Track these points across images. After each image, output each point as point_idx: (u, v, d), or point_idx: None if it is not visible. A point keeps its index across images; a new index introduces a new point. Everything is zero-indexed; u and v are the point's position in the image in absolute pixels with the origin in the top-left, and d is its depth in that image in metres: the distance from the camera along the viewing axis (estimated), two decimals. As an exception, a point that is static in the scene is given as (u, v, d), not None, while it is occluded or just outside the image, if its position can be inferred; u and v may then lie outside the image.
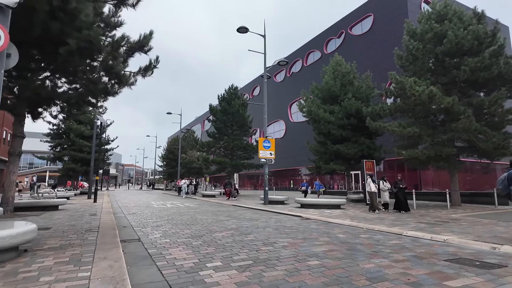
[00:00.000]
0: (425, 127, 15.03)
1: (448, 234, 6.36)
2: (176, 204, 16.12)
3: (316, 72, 28.04)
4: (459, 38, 13.58)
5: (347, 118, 18.79)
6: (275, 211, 11.94)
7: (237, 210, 12.47)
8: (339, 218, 9.46)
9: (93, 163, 19.96)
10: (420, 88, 13.18)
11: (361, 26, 32.61)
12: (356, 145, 18.65)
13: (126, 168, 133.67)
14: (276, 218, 9.56)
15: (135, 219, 9.25)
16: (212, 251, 4.79)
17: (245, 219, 9.28)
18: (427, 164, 15.59)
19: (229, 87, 27.81)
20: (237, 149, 26.18)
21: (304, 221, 9.02)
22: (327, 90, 20.10)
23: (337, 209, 13.08)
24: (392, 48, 27.69)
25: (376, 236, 6.39)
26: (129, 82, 8.07)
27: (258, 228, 7.18)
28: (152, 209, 13.03)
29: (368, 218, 9.54)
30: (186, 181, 25.99)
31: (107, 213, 10.50)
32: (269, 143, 16.21)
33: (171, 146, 44.95)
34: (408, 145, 16.39)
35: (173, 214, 10.54)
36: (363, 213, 11.11)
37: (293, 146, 38.62)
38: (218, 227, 7.42)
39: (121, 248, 4.90)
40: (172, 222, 8.50)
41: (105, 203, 15.88)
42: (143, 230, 7.13)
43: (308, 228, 7.46)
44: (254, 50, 16.60)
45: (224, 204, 16.31)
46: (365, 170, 16.18)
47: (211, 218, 9.29)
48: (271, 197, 16.08)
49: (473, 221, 9.05)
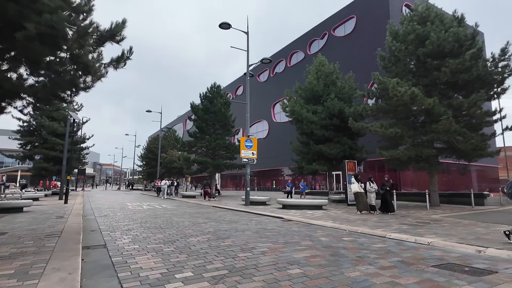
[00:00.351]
0: (406, 128, 15.10)
1: (432, 237, 6.19)
2: (153, 205, 15.44)
3: (299, 72, 27.95)
4: (441, 40, 13.72)
5: (330, 118, 18.70)
6: (256, 212, 11.56)
7: (217, 212, 12.00)
8: (321, 219, 9.20)
9: (66, 162, 18.86)
10: (403, 89, 13.18)
11: (344, 27, 32.84)
12: (338, 145, 18.58)
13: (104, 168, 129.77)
14: (257, 220, 9.18)
15: (105, 222, 8.61)
16: (183, 259, 4.34)
17: (224, 221, 8.84)
18: (407, 164, 15.70)
19: (212, 85, 27.22)
20: (219, 149, 25.62)
21: (285, 223, 8.69)
22: (310, 90, 19.96)
23: (319, 210, 12.87)
24: (374, 50, 28.00)
25: (359, 239, 6.12)
26: (98, 74, 7.42)
27: (237, 232, 6.76)
28: (127, 211, 12.34)
29: (351, 219, 9.34)
30: (167, 182, 24.83)
31: (76, 216, 9.78)
32: (251, 142, 15.82)
33: (151, 145, 43.70)
34: (389, 145, 16.46)
35: (147, 217, 9.94)
36: (345, 214, 10.93)
37: (276, 147, 38.44)
38: (194, 230, 6.94)
39: (80, 256, 4.36)
40: (145, 225, 7.94)
41: (77, 204, 14.99)
42: (112, 234, 6.56)
43: (290, 230, 7.12)
44: (237, 47, 16.17)
45: (204, 205, 15.78)
46: (347, 171, 16.12)
47: (188, 221, 8.79)
48: (253, 197, 15.70)
49: (454, 222, 9.02)
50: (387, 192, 11.45)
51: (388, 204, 11.30)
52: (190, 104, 26.55)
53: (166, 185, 24.15)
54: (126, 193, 33.33)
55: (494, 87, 14.23)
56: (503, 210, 13.72)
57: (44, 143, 26.24)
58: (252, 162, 15.66)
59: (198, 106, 26.63)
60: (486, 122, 14.80)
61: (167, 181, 24.96)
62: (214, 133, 25.71)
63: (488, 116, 14.56)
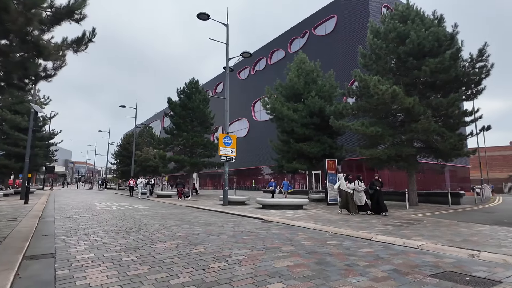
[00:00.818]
0: (386, 127, 15.01)
1: (419, 239, 5.85)
2: (123, 205, 14.43)
3: (280, 70, 27.51)
4: (421, 39, 13.67)
5: (311, 116, 18.39)
6: (234, 213, 10.94)
7: (192, 213, 11.26)
8: (302, 220, 8.72)
9: (28, 158, 17.27)
10: (384, 87, 12.99)
11: (325, 27, 32.82)
12: (318, 144, 18.30)
13: (77, 166, 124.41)
14: (235, 222, 8.56)
15: (64, 225, 7.68)
16: (144, 272, 3.65)
17: (199, 223, 8.15)
18: (387, 164, 15.62)
19: (190, 81, 26.20)
20: (197, 147, 24.70)
21: (265, 224, 8.13)
22: (291, 87, 19.56)
23: (299, 209, 12.44)
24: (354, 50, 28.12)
25: (344, 242, 5.66)
26: (53, 56, 6.52)
27: (212, 236, 6.12)
28: (93, 212, 11.33)
29: (332, 220, 8.93)
30: (143, 180, 23.31)
31: (32, 218, 8.73)
32: (230, 139, 15.16)
33: (125, 142, 41.89)
34: (369, 144, 16.33)
35: (114, 219, 9.06)
36: (327, 214, 10.54)
37: (256, 145, 37.94)
38: (164, 235, 6.22)
39: (16, 270, 3.58)
40: (109, 228, 7.11)
41: (39, 205, 13.72)
42: (67, 240, 5.72)
43: (270, 233, 6.56)
44: (216, 40, 15.44)
45: (179, 205, 14.95)
46: (327, 169, 15.84)
47: (158, 223, 8.02)
48: (231, 197, 15.06)
49: (435, 221, 8.83)
50: (377, 191, 10.73)
51: (379, 204, 10.57)
52: (167, 99, 25.43)
53: (142, 184, 22.74)
54: (98, 193, 31.61)
55: (471, 88, 14.38)
56: (478, 209, 13.91)
57: (6, 138, 24.24)
58: (231, 160, 15.00)
59: (175, 102, 25.57)
60: (463, 122, 14.98)
61: (143, 180, 23.54)
62: (192, 130, 24.78)
63: (466, 116, 14.73)
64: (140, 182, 22.73)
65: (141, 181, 23.01)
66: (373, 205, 10.73)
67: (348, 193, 10.71)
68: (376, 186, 10.80)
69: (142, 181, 23.04)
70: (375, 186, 10.81)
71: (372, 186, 10.87)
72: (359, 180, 11.04)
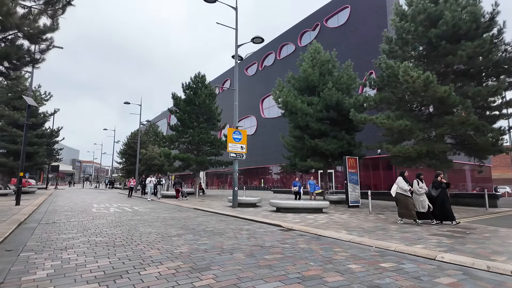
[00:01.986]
0: (415, 120, 13.39)
1: (503, 259, 4.32)
2: (123, 207, 13.10)
3: (289, 65, 25.98)
4: (456, 20, 12.03)
5: (327, 110, 16.81)
6: (246, 217, 9.48)
7: (198, 217, 9.83)
8: (330, 228, 7.22)
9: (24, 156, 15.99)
10: (416, 74, 11.40)
11: (337, 18, 31.15)
12: (335, 140, 16.72)
13: (84, 165, 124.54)
14: (249, 230, 7.10)
15: (43, 234, 6.33)
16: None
17: (206, 232, 6.71)
18: (415, 162, 13.99)
19: (196, 75, 24.79)
20: (203, 144, 23.28)
21: (286, 234, 6.65)
22: (305, 79, 18.01)
23: (319, 213, 10.94)
24: (369, 41, 26.49)
25: (403, 264, 4.16)
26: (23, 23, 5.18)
27: (223, 254, 4.65)
28: (86, 215, 10.00)
29: (366, 227, 7.41)
30: (153, 179, 20.34)
31: (9, 223, 7.40)
32: (240, 135, 13.72)
33: (130, 140, 40.80)
34: (393, 140, 14.76)
35: (106, 225, 7.68)
36: (353, 219, 9.01)
37: (265, 143, 36.47)
38: (160, 251, 4.79)
39: None
40: (95, 239, 5.72)
41: (30, 206, 12.47)
42: (33, 258, 4.34)
43: (297, 249, 5.08)
44: (224, 24, 13.99)
45: (184, 207, 13.56)
46: (348, 168, 14.30)
47: (157, 232, 6.61)
48: (241, 198, 13.62)
49: (489, 230, 7.26)
50: (442, 193, 8.28)
51: (446, 210, 8.15)
52: (172, 94, 24.09)
53: (152, 183, 19.86)
54: (101, 192, 30.47)
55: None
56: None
57: (3, 135, 23.19)
58: (241, 158, 13.56)
59: (180, 97, 24.21)
60: (503, 114, 13.26)
61: (153, 179, 20.45)
62: (198, 126, 23.37)
63: (506, 107, 13.02)
64: (149, 182, 19.86)
65: (151, 180, 20.09)
66: (437, 211, 8.27)
67: (408, 197, 8.36)
68: (442, 185, 8.42)
69: (151, 180, 20.15)
70: (441, 186, 8.40)
71: (439, 185, 8.40)
72: (419, 179, 8.53)
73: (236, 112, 14.35)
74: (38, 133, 25.66)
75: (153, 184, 20.06)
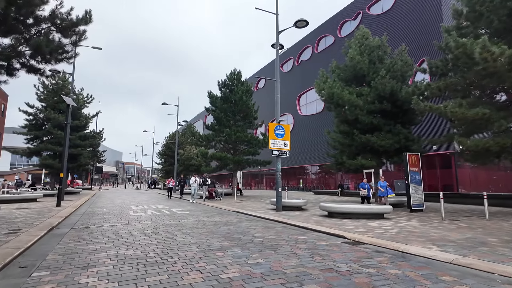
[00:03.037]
0: (493, 107, 11.15)
1: None
2: (161, 209, 12.38)
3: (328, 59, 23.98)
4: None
5: (379, 101, 14.89)
6: (296, 224, 8.12)
7: (241, 222, 8.66)
8: (411, 242, 5.62)
9: (66, 157, 16.11)
10: (498, 50, 9.29)
11: (381, 4, 28.62)
12: (390, 135, 14.76)
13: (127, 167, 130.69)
14: (307, 243, 5.74)
15: (70, 243, 5.51)
16: None
17: (255, 245, 5.47)
18: (494, 158, 11.70)
19: (231, 72, 23.94)
20: (240, 143, 22.32)
21: (357, 249, 5.20)
22: (352, 67, 16.21)
23: (382, 219, 9.27)
24: (421, 27, 23.82)
25: None
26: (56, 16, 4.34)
27: (288, 284, 3.35)
28: (122, 218, 9.29)
29: (455, 240, 5.71)
30: (197, 179, 18.20)
31: (40, 229, 6.76)
32: (282, 130, 12.42)
33: (169, 141, 41.27)
34: (463, 132, 12.58)
35: (140, 232, 6.76)
36: (429, 227, 7.25)
37: (302, 142, 34.73)
38: (203, 275, 3.61)
39: None
40: (124, 254, 4.73)
41: (70, 208, 12.20)
42: (44, 280, 3.38)
43: (388, 276, 3.64)
44: (263, 9, 12.76)
45: (224, 210, 12.53)
46: (409, 166, 12.36)
47: (197, 244, 5.49)
48: (285, 200, 12.29)
49: None
50: None
51: None
52: (208, 93, 23.44)
53: (197, 183, 17.77)
54: (141, 193, 30.83)
55: None
56: None
57: (50, 138, 24.07)
58: (284, 155, 12.24)
59: (216, 95, 23.50)
60: None
61: (197, 179, 18.31)
62: (234, 125, 22.47)
63: None
64: (194, 182, 17.70)
65: (195, 180, 17.89)
66: None
67: None
68: None
69: (196, 180, 17.97)
70: None
71: None
72: None
73: (278, 105, 13.08)
74: (81, 135, 26.41)
75: (197, 185, 17.87)
